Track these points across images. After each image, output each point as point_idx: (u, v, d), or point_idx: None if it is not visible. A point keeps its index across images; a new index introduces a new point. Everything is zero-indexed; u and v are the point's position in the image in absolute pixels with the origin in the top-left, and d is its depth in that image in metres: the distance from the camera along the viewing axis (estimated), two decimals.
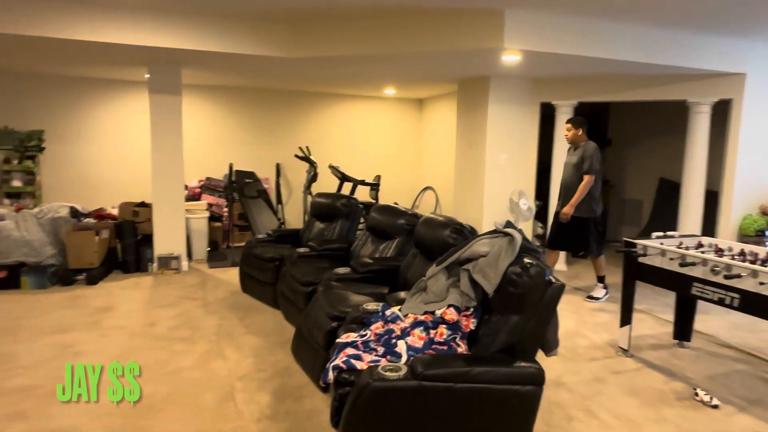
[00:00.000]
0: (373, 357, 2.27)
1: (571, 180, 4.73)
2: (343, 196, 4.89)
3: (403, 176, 8.39)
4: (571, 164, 4.76)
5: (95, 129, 6.83)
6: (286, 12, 4.34)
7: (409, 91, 7.64)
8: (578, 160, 4.68)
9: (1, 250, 4.80)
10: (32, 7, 4.03)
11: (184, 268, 5.58)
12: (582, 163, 4.64)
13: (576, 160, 4.71)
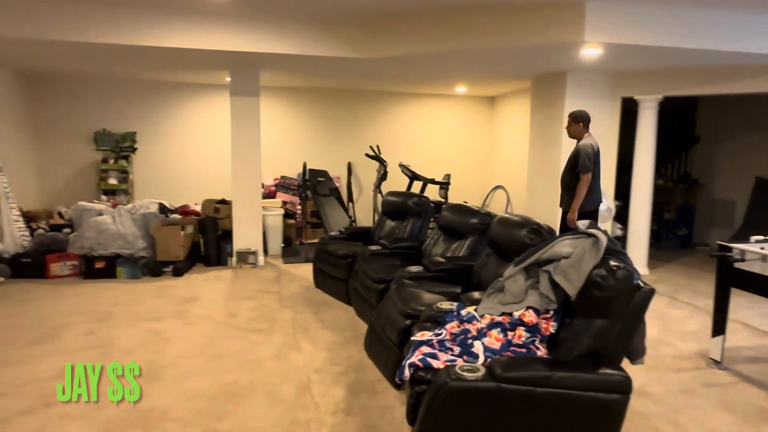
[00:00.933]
0: (449, 356, 2.27)
1: (565, 176, 4.57)
2: (414, 195, 4.90)
3: (473, 175, 8.29)
4: (569, 159, 4.57)
5: (181, 130, 7.28)
6: (360, 13, 4.41)
7: (480, 89, 7.53)
8: (572, 156, 4.51)
9: (100, 243, 5.23)
10: (128, 18, 4.35)
11: (261, 263, 5.82)
12: (575, 160, 4.44)
13: (571, 156, 4.53)
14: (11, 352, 3.35)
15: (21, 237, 5.45)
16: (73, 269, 5.23)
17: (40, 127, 6.78)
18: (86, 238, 5.23)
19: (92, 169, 6.99)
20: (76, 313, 4.13)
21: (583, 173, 4.38)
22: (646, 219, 5.66)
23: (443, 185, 7.16)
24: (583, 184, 4.39)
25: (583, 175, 4.38)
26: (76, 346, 3.46)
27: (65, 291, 4.74)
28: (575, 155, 4.44)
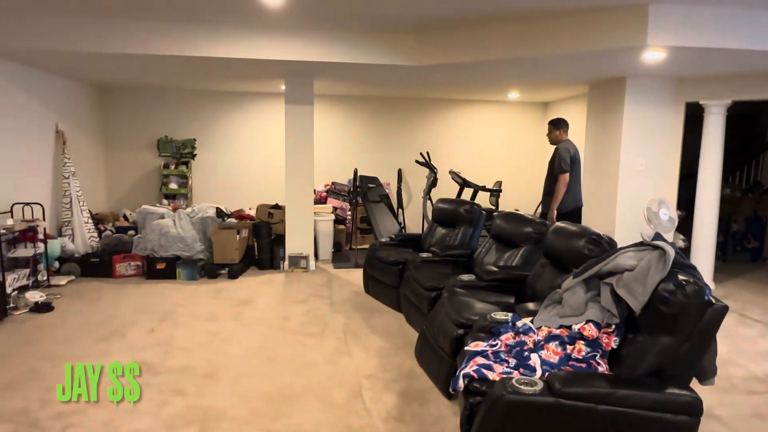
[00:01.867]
0: (504, 368, 2.23)
1: (546, 179, 4.97)
2: (466, 202, 4.86)
3: (524, 182, 8.12)
4: (549, 163, 4.97)
5: (237, 137, 7.54)
6: (415, 22, 4.43)
7: (533, 95, 7.39)
8: (551, 161, 4.92)
9: (162, 245, 5.47)
10: (191, 32, 4.55)
11: (312, 268, 5.92)
12: (553, 164, 4.85)
13: (550, 161, 4.94)
14: (82, 348, 3.56)
15: (90, 238, 5.79)
16: (137, 269, 5.50)
17: (109, 135, 7.19)
18: (149, 240, 5.49)
19: (155, 174, 7.35)
20: (140, 311, 4.34)
21: (559, 173, 4.74)
22: (712, 230, 5.36)
23: (494, 193, 7.07)
24: (561, 185, 4.73)
25: (560, 175, 4.74)
26: (140, 344, 3.64)
27: (129, 290, 4.99)
28: (554, 158, 4.83)
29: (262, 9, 4.10)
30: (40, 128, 5.53)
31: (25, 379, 3.06)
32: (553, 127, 4.97)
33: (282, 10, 4.13)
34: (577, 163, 4.87)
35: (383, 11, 4.14)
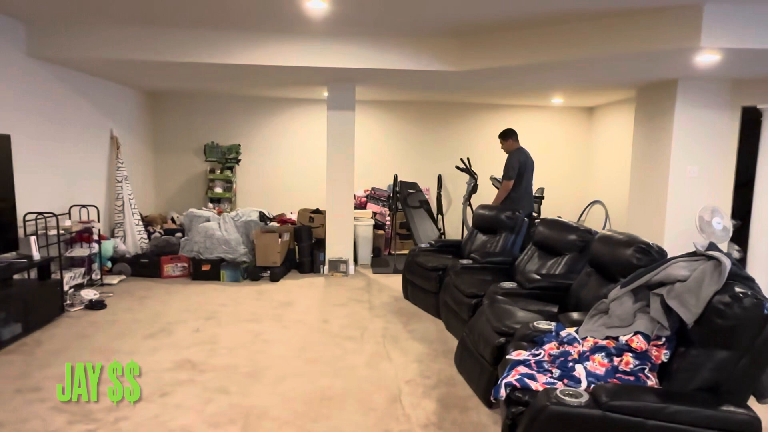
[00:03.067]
0: (548, 378, 2.18)
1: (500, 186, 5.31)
2: (507, 209, 4.79)
3: (567, 189, 7.96)
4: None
5: (280, 142, 7.70)
6: (458, 26, 4.42)
7: (578, 99, 7.23)
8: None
9: (207, 247, 5.64)
10: (237, 40, 4.69)
11: (351, 272, 5.97)
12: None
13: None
14: (133, 344, 3.70)
15: (140, 239, 6.04)
16: (183, 270, 5.69)
17: (159, 140, 7.49)
18: (195, 242, 5.67)
19: (201, 178, 7.59)
20: (186, 310, 4.48)
21: (504, 180, 5.15)
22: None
23: (536, 199, 6.93)
24: (503, 191, 5.16)
25: (504, 181, 5.14)
26: (186, 342, 3.75)
27: (176, 290, 5.17)
28: (504, 166, 5.20)
29: (306, 17, 4.19)
30: (96, 134, 5.82)
31: (79, 372, 3.21)
32: (503, 140, 5.39)
33: (325, 18, 4.21)
34: (528, 171, 5.25)
35: (425, 16, 4.16)
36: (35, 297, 3.97)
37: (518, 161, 5.14)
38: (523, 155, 5.22)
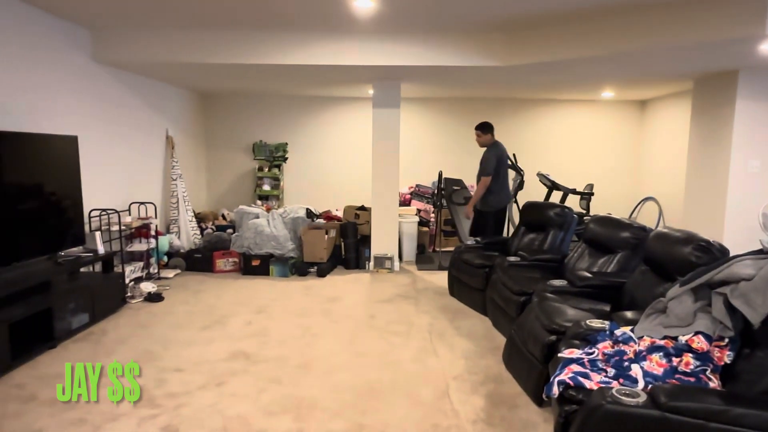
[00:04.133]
0: (602, 377, 2.15)
1: (477, 179, 5.25)
2: (556, 206, 4.71)
3: (618, 185, 7.72)
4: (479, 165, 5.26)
5: (325, 140, 7.82)
6: (504, 21, 4.37)
7: (629, 93, 6.99)
8: (480, 162, 5.23)
9: (257, 243, 5.81)
10: (285, 41, 4.80)
11: (396, 268, 6.01)
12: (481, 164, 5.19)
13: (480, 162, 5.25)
14: (189, 335, 3.87)
15: (194, 235, 6.28)
16: (234, 265, 5.88)
17: (210, 139, 7.76)
18: (245, 238, 5.85)
19: (250, 176, 7.82)
20: (238, 304, 4.64)
21: (482, 175, 5.14)
22: None
23: (585, 196, 6.78)
24: (481, 186, 5.13)
25: (483, 177, 5.12)
26: (239, 334, 3.89)
27: (228, 284, 5.35)
28: (481, 160, 5.19)
29: (353, 16, 4.24)
30: (153, 134, 6.09)
31: (142, 359, 3.39)
32: (482, 132, 5.24)
33: (372, 17, 4.25)
34: (504, 164, 5.26)
35: (472, 12, 4.13)
36: (100, 289, 4.21)
37: (495, 156, 5.13)
38: (500, 150, 5.21)
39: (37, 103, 4.11)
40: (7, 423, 2.60)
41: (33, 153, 3.78)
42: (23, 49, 3.94)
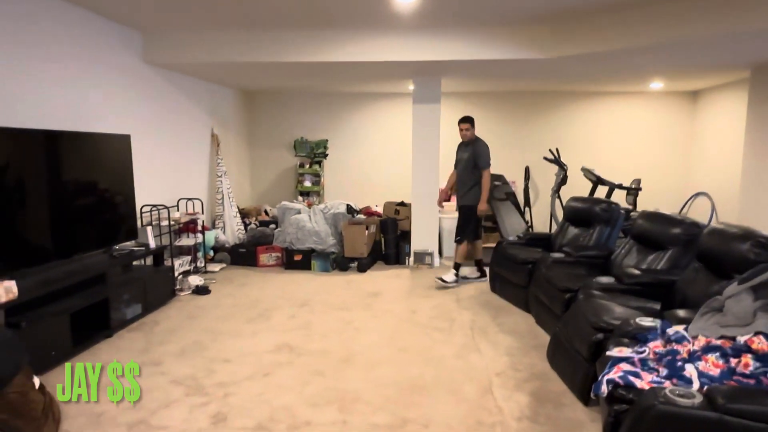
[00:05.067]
0: (654, 377, 2.08)
1: (465, 174, 5.11)
2: (602, 201, 4.59)
3: (666, 179, 7.44)
4: (464, 160, 5.13)
5: (365, 136, 7.87)
6: (549, 11, 4.27)
7: (680, 83, 6.71)
8: (469, 156, 5.07)
9: (298, 238, 5.91)
10: (327, 39, 4.85)
11: (436, 264, 6.00)
12: (476, 159, 5.02)
13: (467, 156, 5.10)
14: (235, 327, 3.99)
15: (238, 230, 6.45)
16: (277, 260, 6.00)
17: (253, 137, 7.94)
18: (287, 234, 5.97)
19: (291, 172, 7.95)
20: (281, 297, 4.74)
21: (485, 168, 5.00)
22: None
23: (632, 191, 6.56)
24: (487, 179, 5.01)
25: (486, 169, 5.00)
26: (283, 327, 3.98)
27: (271, 278, 5.48)
28: (475, 154, 5.02)
29: (395, 12, 4.24)
30: (200, 132, 6.28)
31: (192, 349, 3.52)
32: (470, 125, 5.09)
33: (414, 12, 4.24)
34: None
35: (514, 3, 4.05)
36: (152, 281, 4.38)
37: (487, 148, 5.08)
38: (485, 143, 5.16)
39: (93, 104, 4.31)
40: (70, 407, 2.74)
41: (89, 151, 3.97)
42: (80, 52, 4.14)
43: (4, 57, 3.43)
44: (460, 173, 5.18)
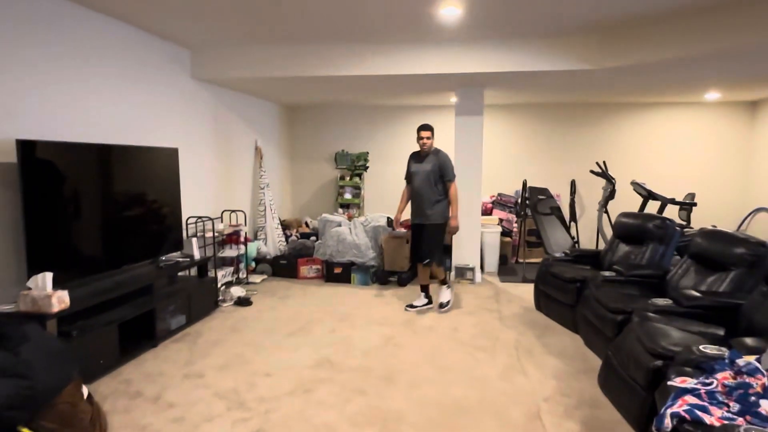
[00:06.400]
0: (724, 413, 1.92)
1: (428, 188, 4.62)
2: (656, 217, 4.37)
3: (723, 194, 7.08)
4: (425, 171, 4.63)
5: (406, 149, 7.78)
6: (597, 21, 4.14)
7: (738, 93, 6.39)
8: (433, 167, 4.61)
9: (339, 250, 5.91)
10: (370, 52, 4.85)
11: (478, 279, 5.86)
12: (442, 171, 4.60)
13: (430, 167, 4.62)
14: (277, 340, 3.99)
15: (279, 242, 6.51)
16: (317, 272, 6.01)
17: (295, 150, 8.04)
18: (327, 246, 5.97)
19: (332, 184, 7.99)
20: (321, 311, 4.73)
21: (453, 180, 4.64)
22: None
23: (686, 206, 6.26)
24: (456, 193, 4.64)
25: (453, 182, 4.63)
26: (324, 341, 3.95)
27: (312, 291, 5.48)
28: (441, 166, 4.58)
29: (439, 24, 4.20)
30: (243, 145, 6.40)
31: (234, 363, 3.53)
32: (431, 134, 4.64)
33: (457, 24, 4.19)
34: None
35: (561, 13, 3.94)
36: (196, 292, 4.45)
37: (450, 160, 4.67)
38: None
39: (143, 118, 4.45)
40: (117, 417, 2.79)
41: (139, 164, 4.08)
42: (132, 69, 4.28)
43: (66, 74, 3.58)
44: (421, 188, 4.63)
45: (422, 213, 4.66)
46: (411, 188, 4.77)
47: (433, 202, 4.61)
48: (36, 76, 3.37)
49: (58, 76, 3.54)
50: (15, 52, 3.21)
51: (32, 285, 3.00)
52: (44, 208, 3.18)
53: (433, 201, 4.61)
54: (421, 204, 4.65)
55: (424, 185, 4.63)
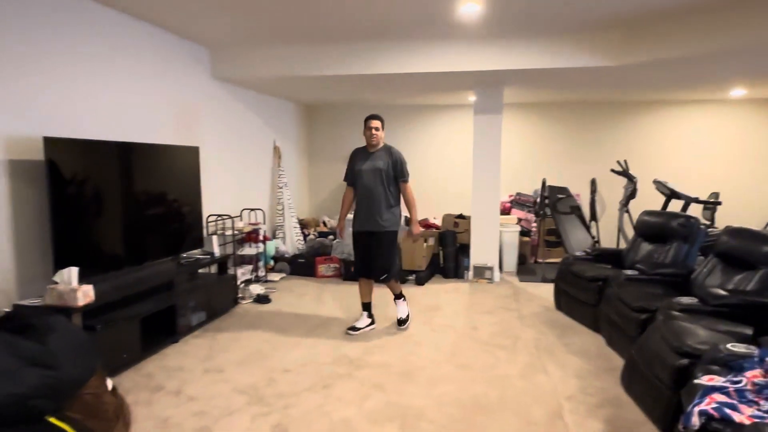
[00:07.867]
0: (755, 411, 1.87)
1: (380, 190, 3.95)
2: (680, 215, 4.28)
3: (748, 193, 6.92)
4: (374, 169, 3.95)
5: (424, 148, 7.81)
6: (619, 16, 4.07)
7: (765, 90, 6.23)
8: (385, 165, 3.97)
9: None
10: (387, 50, 4.85)
11: (496, 279, 5.81)
12: (390, 168, 3.97)
13: (382, 165, 3.96)
14: (295, 337, 4.00)
15: (298, 241, 6.54)
16: (335, 271, 6.03)
17: (313, 149, 8.08)
18: (345, 245, 5.98)
19: None
20: (339, 309, 4.74)
21: (406, 181, 4.07)
22: None
23: (710, 205, 6.13)
24: (412, 194, 4.10)
25: (407, 182, 4.07)
26: (342, 338, 3.96)
27: (330, 289, 5.49)
28: (396, 163, 4.00)
29: (459, 22, 4.18)
30: (263, 144, 6.45)
31: (253, 358, 3.55)
32: (382, 125, 4.05)
33: (477, 20, 4.16)
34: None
35: (585, 9, 3.89)
36: (216, 289, 4.49)
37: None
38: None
39: (165, 117, 4.51)
40: (139, 410, 2.82)
41: (160, 163, 4.13)
42: (153, 68, 4.35)
43: (88, 73, 3.65)
44: (371, 189, 3.95)
45: (373, 219, 3.97)
46: (357, 190, 4.07)
47: (388, 207, 3.97)
48: (59, 75, 3.44)
49: (81, 75, 3.61)
50: (39, 50, 3.28)
51: (58, 279, 3.06)
52: (69, 204, 3.24)
53: (387, 205, 3.97)
54: (372, 208, 3.96)
55: (375, 186, 3.95)
